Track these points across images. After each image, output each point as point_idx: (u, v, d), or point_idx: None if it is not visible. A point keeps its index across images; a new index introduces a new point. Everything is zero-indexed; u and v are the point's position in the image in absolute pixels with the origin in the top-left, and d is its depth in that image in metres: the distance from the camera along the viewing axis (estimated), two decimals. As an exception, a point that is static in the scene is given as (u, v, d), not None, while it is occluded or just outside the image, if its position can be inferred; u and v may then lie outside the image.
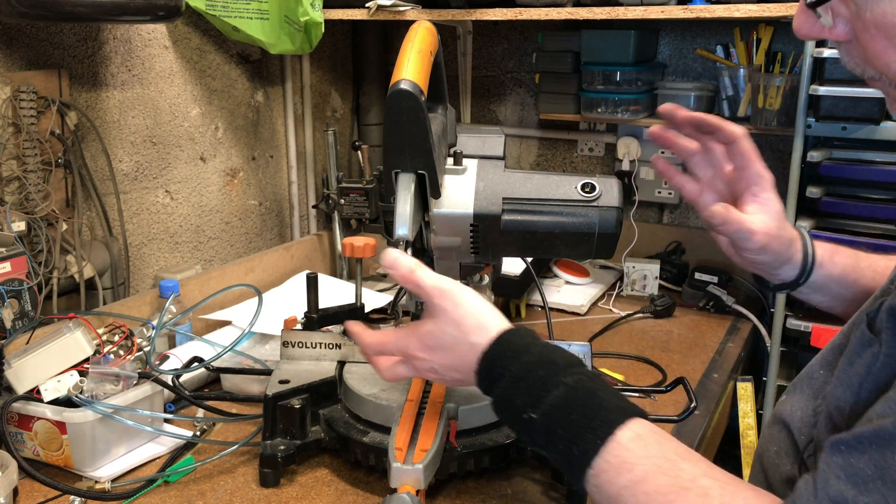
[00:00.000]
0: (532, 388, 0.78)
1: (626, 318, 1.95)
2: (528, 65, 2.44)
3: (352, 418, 1.23)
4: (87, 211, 1.72)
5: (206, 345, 1.51)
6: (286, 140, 2.30)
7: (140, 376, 1.28)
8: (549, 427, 0.77)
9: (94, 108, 1.74)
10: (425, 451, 1.04)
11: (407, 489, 0.99)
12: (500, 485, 1.19)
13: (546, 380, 0.78)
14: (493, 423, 1.19)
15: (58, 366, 1.22)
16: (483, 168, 1.09)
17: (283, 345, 1.34)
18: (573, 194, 1.08)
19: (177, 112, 1.95)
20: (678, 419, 1.24)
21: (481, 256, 1.11)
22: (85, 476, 1.21)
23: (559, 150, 2.48)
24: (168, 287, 1.61)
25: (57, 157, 1.62)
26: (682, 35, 2.24)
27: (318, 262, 2.22)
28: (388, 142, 0.94)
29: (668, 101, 2.12)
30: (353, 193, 1.99)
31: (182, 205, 1.99)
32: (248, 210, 2.21)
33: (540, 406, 0.77)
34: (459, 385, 0.97)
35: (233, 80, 2.10)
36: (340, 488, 1.19)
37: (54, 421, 1.20)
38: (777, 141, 2.17)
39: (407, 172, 0.96)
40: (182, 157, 1.97)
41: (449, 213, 1.06)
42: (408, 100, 0.89)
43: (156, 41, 1.87)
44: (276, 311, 1.58)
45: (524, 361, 0.80)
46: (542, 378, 0.78)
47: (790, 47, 2.04)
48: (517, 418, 0.79)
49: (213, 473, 1.22)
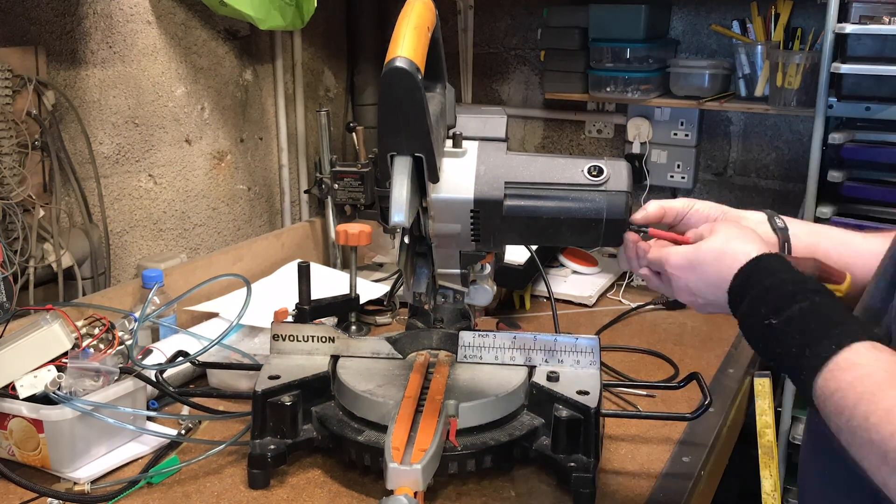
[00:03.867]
0: (780, 297, 0.85)
1: (636, 310, 1.94)
2: (533, 41, 2.43)
3: (346, 416, 1.22)
4: (65, 196, 1.71)
5: (192, 338, 1.51)
6: (276, 121, 2.29)
7: (121, 371, 1.27)
8: (786, 332, 0.83)
9: (72, 87, 1.73)
10: (424, 450, 1.03)
11: (404, 491, 0.99)
12: (503, 486, 1.19)
13: (794, 293, 0.85)
14: (494, 422, 1.19)
15: (34, 360, 1.21)
16: (484, 151, 1.08)
17: (274, 338, 1.34)
18: (579, 178, 1.07)
19: (160, 91, 1.93)
20: (691, 417, 1.24)
21: (482, 244, 1.10)
22: (63, 477, 1.21)
23: (566, 131, 2.47)
24: (151, 277, 1.61)
25: (33, 139, 1.61)
26: (696, 10, 2.23)
27: (311, 250, 2.22)
28: (384, 123, 0.93)
29: (682, 79, 2.12)
30: (348, 178, 1.98)
31: (166, 189, 1.98)
32: (236, 195, 2.20)
33: (782, 313, 0.84)
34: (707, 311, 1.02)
35: (220, 58, 2.09)
36: (334, 490, 1.18)
37: (30, 419, 1.19)
38: (796, 122, 2.16)
39: (403, 155, 0.95)
40: (166, 138, 1.96)
41: (448, 198, 1.06)
42: (404, 78, 0.88)
43: (138, 16, 1.86)
44: (266, 303, 1.58)
45: (778, 277, 0.88)
46: (791, 291, 0.85)
47: (810, 23, 2.02)
48: (758, 326, 0.87)
49: (198, 474, 1.22)
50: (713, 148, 2.32)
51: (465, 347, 1.29)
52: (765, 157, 2.25)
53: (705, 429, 1.39)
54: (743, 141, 2.28)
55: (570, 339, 1.27)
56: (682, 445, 1.34)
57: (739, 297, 0.91)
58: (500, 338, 1.29)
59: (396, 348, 1.32)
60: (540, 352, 1.27)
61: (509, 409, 1.21)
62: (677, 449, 1.33)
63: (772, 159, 2.25)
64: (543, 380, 1.23)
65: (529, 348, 1.27)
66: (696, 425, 1.37)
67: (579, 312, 1.94)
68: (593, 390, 1.20)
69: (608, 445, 1.31)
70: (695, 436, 1.37)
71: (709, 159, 2.32)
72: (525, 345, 1.28)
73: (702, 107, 2.10)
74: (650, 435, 1.36)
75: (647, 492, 1.20)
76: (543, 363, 1.27)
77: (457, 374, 1.26)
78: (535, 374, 1.25)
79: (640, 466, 1.27)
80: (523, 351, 1.28)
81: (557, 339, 1.27)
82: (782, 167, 2.24)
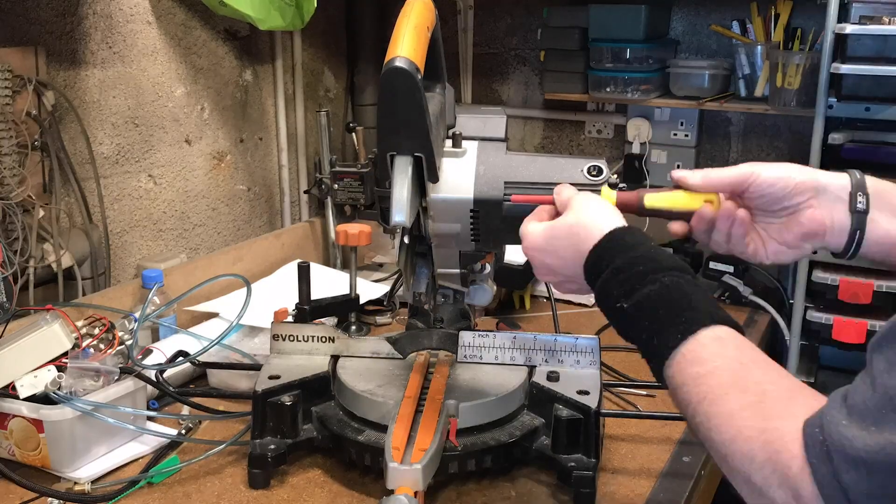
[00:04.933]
0: (629, 280, 0.85)
1: (636, 310, 1.94)
2: (533, 41, 2.43)
3: (346, 416, 1.22)
4: (65, 196, 1.71)
5: (192, 338, 1.51)
6: (276, 121, 2.29)
7: (122, 371, 1.27)
8: (636, 318, 0.83)
9: (72, 87, 1.73)
10: (424, 450, 1.04)
11: (405, 491, 0.99)
12: (504, 486, 1.19)
13: (644, 275, 0.84)
14: (495, 421, 1.19)
15: (34, 360, 1.21)
16: (484, 150, 1.09)
17: (274, 338, 1.34)
18: (579, 177, 1.07)
19: (160, 92, 1.94)
20: (691, 417, 1.24)
21: (482, 244, 1.11)
22: (63, 477, 1.21)
23: (565, 131, 2.47)
24: (151, 277, 1.61)
25: (33, 140, 1.61)
26: (696, 10, 2.23)
27: (310, 250, 2.22)
28: (383, 123, 0.93)
29: (682, 79, 2.12)
30: (348, 178, 1.98)
31: (166, 190, 1.98)
32: (236, 195, 2.20)
33: (632, 297, 0.83)
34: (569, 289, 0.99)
35: (220, 58, 2.09)
36: (334, 490, 1.19)
37: (31, 419, 1.19)
38: (796, 122, 2.16)
39: (403, 155, 0.95)
40: (166, 139, 1.97)
41: (447, 198, 1.06)
42: (403, 78, 0.89)
43: (138, 16, 1.86)
44: (266, 303, 1.58)
45: (629, 256, 0.87)
46: (640, 273, 0.84)
47: (810, 23, 2.02)
48: (611, 307, 0.86)
49: (199, 474, 1.22)
50: (713, 148, 2.32)
51: (465, 347, 1.29)
52: (765, 157, 2.25)
53: (705, 429, 1.39)
54: (743, 141, 2.28)
55: (570, 339, 1.27)
56: (682, 445, 1.34)
57: (593, 276, 0.90)
58: (500, 338, 1.29)
59: (396, 348, 1.32)
60: (540, 352, 1.27)
61: (509, 409, 1.21)
62: (677, 449, 1.33)
63: (772, 160, 2.24)
64: (543, 380, 1.23)
65: (529, 348, 1.28)
66: (696, 425, 1.37)
67: (579, 312, 1.94)
68: (593, 390, 1.20)
69: (608, 445, 1.31)
70: (694, 438, 1.37)
71: (709, 159, 2.32)
72: (525, 345, 1.28)
73: (702, 107, 2.10)
74: (650, 435, 1.36)
75: (647, 492, 1.21)
76: (543, 363, 1.27)
77: (457, 373, 1.26)
78: (535, 374, 1.25)
79: (640, 466, 1.27)
80: (523, 351, 1.28)
81: (557, 339, 1.27)
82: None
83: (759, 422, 0.69)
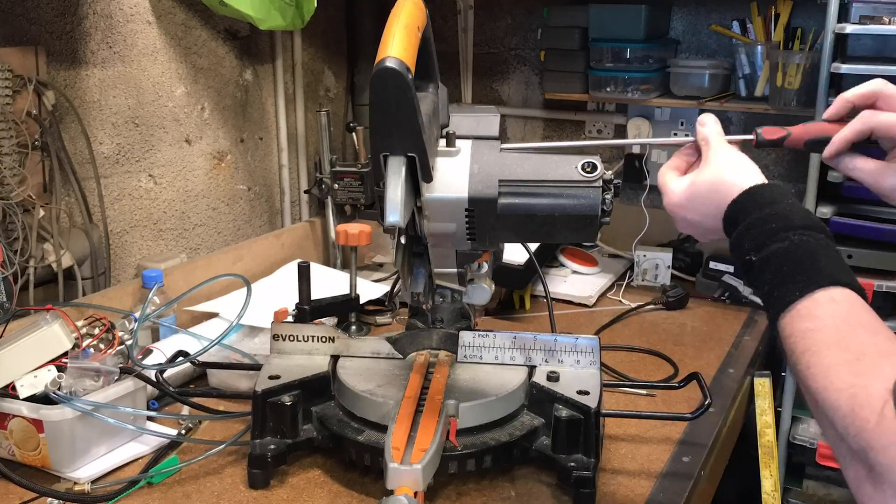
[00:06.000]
0: (760, 235, 0.90)
1: (636, 310, 1.94)
2: (533, 41, 2.43)
3: (346, 416, 1.22)
4: (65, 196, 1.71)
5: (192, 338, 1.51)
6: (276, 121, 2.29)
7: (122, 371, 1.27)
8: (762, 271, 0.88)
9: (72, 87, 1.73)
10: (424, 450, 1.04)
11: (404, 491, 0.99)
12: (504, 486, 1.19)
13: (775, 232, 0.89)
14: (495, 421, 1.19)
15: (34, 360, 1.21)
16: (477, 149, 1.08)
17: (274, 338, 1.34)
18: (573, 174, 1.07)
19: (161, 91, 1.93)
20: (691, 417, 1.24)
21: (478, 243, 1.10)
22: (63, 477, 1.21)
23: (566, 131, 2.47)
24: (151, 277, 1.61)
25: (33, 139, 1.60)
26: (696, 10, 2.23)
27: (311, 250, 2.22)
28: (375, 123, 0.93)
29: (682, 79, 2.12)
30: (348, 178, 1.99)
31: (166, 189, 1.98)
32: (236, 195, 2.20)
33: (761, 252, 0.89)
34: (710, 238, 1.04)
35: (220, 58, 2.09)
36: (334, 490, 1.19)
37: (31, 419, 1.19)
38: (796, 122, 2.15)
39: (396, 155, 0.95)
40: (166, 139, 1.96)
41: (442, 197, 1.05)
42: (394, 78, 0.89)
43: (138, 16, 1.86)
44: (266, 303, 1.58)
45: (764, 213, 0.92)
46: (772, 230, 0.89)
47: (810, 23, 2.02)
48: (741, 258, 0.92)
49: (199, 474, 1.22)
50: (713, 148, 2.31)
51: (465, 347, 1.29)
52: (765, 156, 2.25)
53: (705, 429, 1.39)
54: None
55: (569, 339, 1.27)
56: (682, 445, 1.34)
57: (730, 229, 0.96)
58: (500, 338, 1.29)
59: (396, 348, 1.32)
60: (540, 352, 1.27)
61: (509, 409, 1.21)
62: (677, 449, 1.33)
63: (772, 159, 2.25)
64: (543, 380, 1.23)
65: (529, 348, 1.28)
66: (696, 425, 1.37)
67: (579, 312, 1.94)
68: (593, 390, 1.20)
69: (608, 445, 1.31)
70: (695, 436, 1.37)
71: (709, 159, 2.32)
72: (525, 345, 1.28)
73: (702, 107, 2.10)
74: (650, 435, 1.36)
75: (647, 492, 1.21)
76: (543, 363, 1.27)
77: (457, 374, 1.26)
78: (535, 374, 1.25)
79: (640, 466, 1.27)
80: (523, 351, 1.28)
81: (557, 339, 1.27)
82: (782, 167, 2.24)
83: (850, 377, 0.75)
